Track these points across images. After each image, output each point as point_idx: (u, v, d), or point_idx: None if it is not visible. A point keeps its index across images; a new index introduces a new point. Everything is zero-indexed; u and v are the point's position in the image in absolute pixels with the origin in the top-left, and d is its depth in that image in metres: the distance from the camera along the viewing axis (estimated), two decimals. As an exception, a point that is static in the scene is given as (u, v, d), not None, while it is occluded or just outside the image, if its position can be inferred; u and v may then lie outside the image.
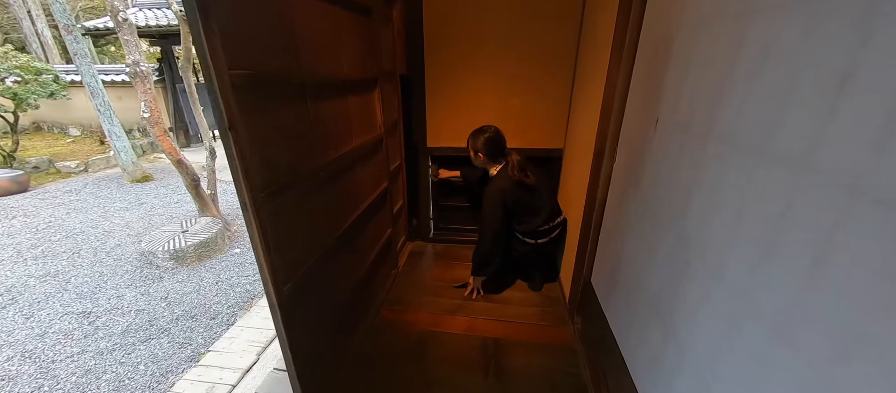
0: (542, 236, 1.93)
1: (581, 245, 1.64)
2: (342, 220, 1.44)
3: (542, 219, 1.89)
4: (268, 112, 0.94)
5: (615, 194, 1.34)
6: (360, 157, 1.62)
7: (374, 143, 1.80)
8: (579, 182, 1.74)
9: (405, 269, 2.36)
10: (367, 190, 1.73)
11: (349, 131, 1.47)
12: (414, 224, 2.68)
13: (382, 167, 1.94)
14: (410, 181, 2.52)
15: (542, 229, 1.91)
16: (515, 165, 1.81)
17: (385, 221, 2.06)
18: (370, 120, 1.72)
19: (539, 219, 1.89)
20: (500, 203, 1.81)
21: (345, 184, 1.46)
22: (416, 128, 2.34)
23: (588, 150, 1.61)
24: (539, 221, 1.89)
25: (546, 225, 1.91)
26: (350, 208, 1.53)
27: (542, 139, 2.25)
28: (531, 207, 1.88)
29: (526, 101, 2.17)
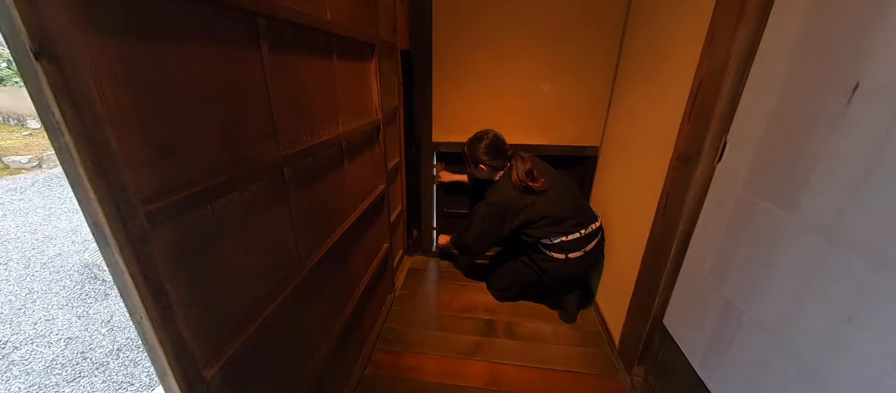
0: (573, 249, 1.53)
1: (645, 273, 1.23)
2: (322, 238, 0.99)
3: (567, 227, 1.51)
4: (169, 41, 0.49)
5: (721, 212, 0.93)
6: (351, 149, 1.18)
7: (370, 132, 1.36)
8: (639, 190, 1.33)
9: (404, 292, 1.91)
10: (358, 194, 1.28)
11: (334, 109, 1.03)
12: (414, 236, 2.24)
13: (379, 164, 1.49)
14: (410, 183, 2.07)
15: (572, 240, 1.52)
16: (520, 170, 1.49)
17: (381, 233, 1.61)
18: (364, 100, 1.28)
19: (562, 227, 1.51)
20: (497, 217, 1.55)
21: (327, 185, 1.01)
22: (419, 117, 1.90)
23: (659, 149, 1.20)
24: (564, 230, 1.51)
25: (576, 233, 1.52)
26: (334, 221, 1.08)
27: (574, 134, 1.83)
28: (548, 215, 1.51)
29: (559, 87, 1.75)
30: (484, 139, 1.58)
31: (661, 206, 1.15)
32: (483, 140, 1.57)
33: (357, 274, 1.31)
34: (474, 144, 1.59)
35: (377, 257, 1.55)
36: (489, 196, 1.57)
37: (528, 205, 1.51)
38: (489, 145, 1.57)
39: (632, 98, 1.48)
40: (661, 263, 1.14)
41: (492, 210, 1.55)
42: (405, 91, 1.84)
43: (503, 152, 1.57)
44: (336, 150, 1.06)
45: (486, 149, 1.57)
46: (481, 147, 1.57)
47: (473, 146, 1.59)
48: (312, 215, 0.93)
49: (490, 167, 1.59)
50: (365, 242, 1.39)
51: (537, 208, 1.50)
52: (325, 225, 1.01)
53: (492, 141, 1.57)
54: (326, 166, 1.00)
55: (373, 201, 1.40)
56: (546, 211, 1.51)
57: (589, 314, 1.73)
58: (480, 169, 1.62)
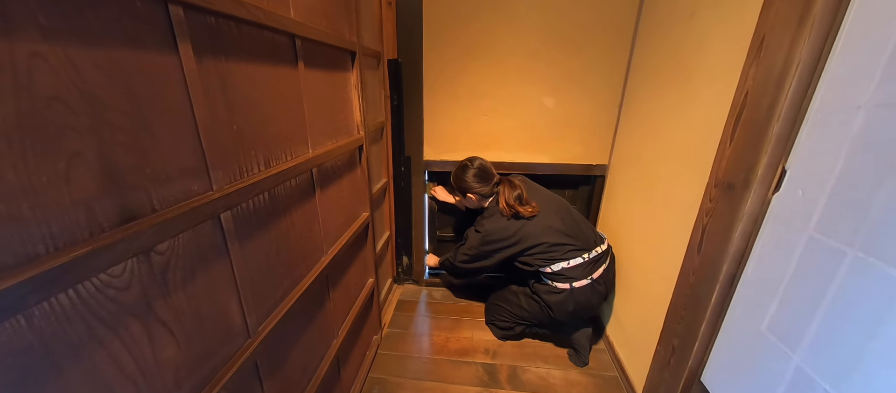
0: (577, 276, 1.35)
1: (676, 318, 1.04)
2: (283, 293, 0.78)
3: (565, 252, 1.36)
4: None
5: (783, 257, 0.75)
6: (325, 176, 0.97)
7: (350, 154, 1.16)
8: (664, 219, 1.16)
9: (393, 331, 1.68)
10: (336, 227, 1.07)
11: (300, 128, 0.83)
12: (404, 264, 2.02)
13: (362, 190, 1.29)
14: (400, 206, 1.87)
15: (575, 266, 1.35)
16: (508, 197, 1.41)
17: (366, 268, 1.40)
18: (343, 116, 1.08)
19: (560, 252, 1.36)
20: (489, 246, 1.45)
21: (292, 224, 0.80)
22: (409, 134, 1.72)
23: (689, 173, 1.03)
24: (563, 255, 1.36)
25: (578, 258, 1.36)
26: (302, 265, 0.87)
27: (580, 153, 1.67)
28: (542, 241, 1.37)
29: (563, 101, 1.59)
30: (470, 168, 1.48)
31: (695, 241, 0.97)
32: (469, 169, 1.48)
33: (334, 322, 1.09)
34: (461, 174, 1.50)
35: (360, 297, 1.33)
36: (480, 224, 1.49)
37: (519, 231, 1.39)
38: (476, 174, 1.47)
39: (648, 114, 1.31)
40: (699, 309, 0.95)
41: (484, 239, 1.45)
42: (393, 105, 1.65)
43: (491, 178, 1.48)
44: (304, 179, 0.86)
45: (474, 177, 1.47)
46: (469, 175, 1.47)
47: (460, 176, 1.50)
48: (270, 266, 0.72)
49: (479, 196, 1.49)
50: (345, 282, 1.18)
51: (530, 234, 1.38)
52: (287, 274, 0.80)
53: (478, 169, 1.47)
54: (290, 200, 0.80)
55: (355, 233, 1.19)
56: (539, 237, 1.38)
57: (602, 355, 1.52)
58: (469, 198, 1.52)
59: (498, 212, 1.42)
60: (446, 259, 1.66)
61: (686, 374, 1.00)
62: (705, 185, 0.94)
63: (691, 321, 0.98)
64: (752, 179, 0.80)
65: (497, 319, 1.61)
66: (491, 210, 1.47)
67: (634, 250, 1.37)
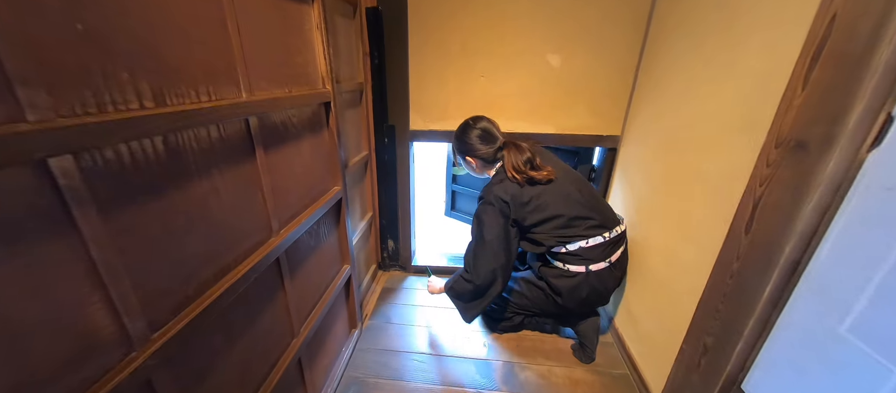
0: (595, 258, 1.17)
1: (710, 312, 0.86)
2: (200, 278, 0.57)
3: (585, 228, 1.16)
4: None
5: (872, 231, 0.55)
6: (273, 133, 0.75)
7: (313, 113, 0.93)
8: (694, 196, 0.96)
9: (375, 323, 1.49)
10: (292, 199, 0.85)
11: (226, 59, 0.60)
12: (390, 248, 1.82)
13: (331, 158, 1.07)
14: (384, 182, 1.65)
15: (594, 246, 1.16)
16: (516, 160, 1.18)
17: (338, 251, 1.19)
18: (301, 61, 0.85)
19: (580, 228, 1.16)
20: (503, 216, 1.16)
21: (211, 191, 0.59)
22: (393, 99, 1.48)
23: (733, 136, 0.83)
24: (583, 232, 1.16)
25: (599, 236, 1.17)
26: (235, 246, 0.66)
27: (589, 121, 1.45)
28: (559, 213, 1.15)
29: (571, 60, 1.36)
30: (472, 127, 1.24)
31: (742, 218, 0.77)
32: (472, 128, 1.24)
33: (294, 318, 0.89)
34: (462, 134, 1.26)
35: (332, 287, 1.13)
36: (486, 194, 1.19)
37: (535, 197, 1.15)
38: (481, 134, 1.23)
39: (675, 70, 1.10)
40: (744, 302, 0.76)
41: (495, 208, 1.15)
42: (374, 64, 1.41)
43: (494, 140, 1.23)
44: (235, 131, 0.63)
45: (477, 137, 1.22)
46: (472, 136, 1.23)
47: (461, 136, 1.26)
48: (170, 248, 0.51)
49: (481, 160, 1.25)
50: (309, 270, 0.97)
51: (545, 203, 1.15)
52: (208, 261, 0.59)
53: (482, 129, 1.23)
54: (209, 158, 0.58)
55: (322, 210, 0.97)
56: (556, 207, 1.15)
57: (610, 350, 1.35)
58: (470, 163, 1.29)
59: (506, 178, 1.17)
60: (454, 278, 1.28)
61: (723, 380, 0.82)
62: (760, 149, 0.74)
63: (732, 316, 0.80)
64: (837, 134, 0.59)
65: (492, 310, 1.43)
66: (498, 176, 1.21)
67: (652, 232, 1.17)
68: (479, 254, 1.18)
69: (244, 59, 0.64)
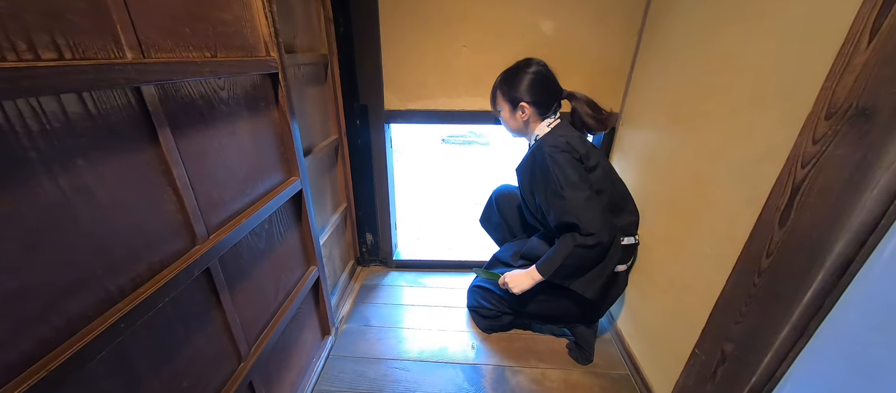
0: (623, 260, 1.07)
1: (731, 314, 0.74)
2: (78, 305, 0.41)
3: (627, 222, 1.07)
4: None
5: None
6: (186, 107, 0.57)
7: (253, 85, 0.75)
8: (710, 178, 0.82)
9: (351, 327, 1.35)
10: (227, 194, 0.69)
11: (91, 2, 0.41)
12: (369, 242, 1.66)
13: (283, 143, 0.89)
14: (358, 169, 1.48)
15: (626, 245, 1.06)
16: (584, 107, 1.06)
17: (301, 252, 1.03)
18: (223, 18, 0.66)
19: (623, 219, 1.06)
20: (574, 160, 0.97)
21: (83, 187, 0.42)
22: (363, 74, 1.30)
23: (765, 109, 0.69)
24: (622, 225, 1.05)
25: (631, 237, 1.07)
26: (135, 259, 0.49)
27: (586, 97, 1.30)
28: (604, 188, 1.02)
29: (567, 24, 1.19)
30: (524, 71, 1.02)
31: (776, 207, 0.64)
32: (528, 69, 1.02)
33: (241, 337, 0.73)
34: (514, 76, 1.04)
35: (294, 293, 0.97)
36: (550, 148, 0.96)
37: (589, 155, 1.01)
38: (536, 78, 1.01)
39: (687, 35, 0.95)
40: (776, 305, 0.64)
41: (567, 155, 0.96)
42: (339, 32, 1.22)
43: (555, 95, 1.04)
44: (112, 105, 0.46)
45: (532, 82, 1.01)
46: (526, 79, 1.02)
47: (514, 78, 1.04)
48: (20, 266, 0.34)
49: (536, 112, 1.04)
50: (260, 277, 0.81)
51: (597, 173, 1.01)
52: (86, 282, 0.42)
53: (536, 75, 1.02)
54: (71, 143, 0.40)
55: (272, 206, 0.80)
56: (603, 183, 1.01)
57: (609, 348, 1.25)
58: (516, 116, 1.06)
59: (565, 132, 1.02)
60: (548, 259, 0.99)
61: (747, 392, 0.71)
62: (803, 121, 0.60)
63: (759, 321, 0.68)
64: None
65: (482, 307, 1.30)
66: (554, 134, 1.01)
67: (658, 222, 1.05)
68: (581, 203, 0.91)
69: (126, 3, 0.46)
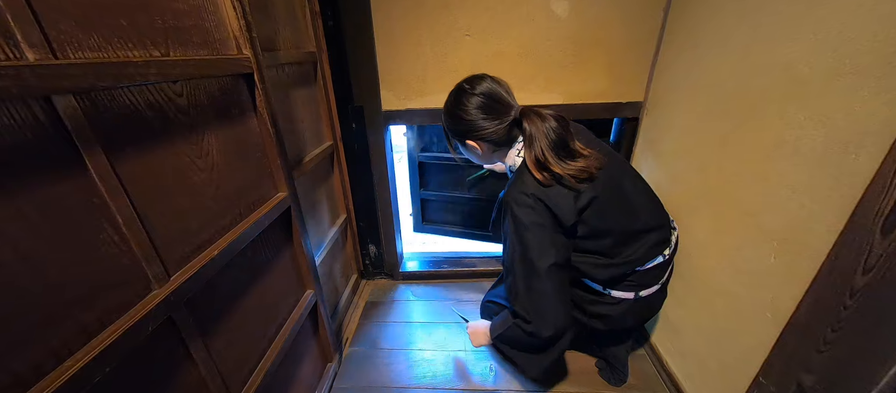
0: (650, 282, 0.86)
1: (811, 336, 0.60)
2: None
3: (643, 247, 0.82)
4: None
5: None
6: (139, 124, 0.45)
7: (222, 90, 0.62)
8: (768, 176, 0.69)
9: (356, 350, 1.23)
10: (195, 223, 0.57)
11: None
12: (372, 254, 1.54)
13: (267, 154, 0.77)
14: (356, 177, 1.36)
15: (654, 267, 0.85)
16: (541, 143, 0.74)
17: (294, 275, 0.91)
18: (179, 7, 0.54)
19: (636, 248, 0.82)
20: (546, 226, 0.75)
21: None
22: (357, 72, 1.17)
23: (860, 87, 0.55)
24: (641, 253, 0.82)
25: (659, 256, 0.84)
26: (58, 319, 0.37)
27: (606, 86, 1.16)
28: (611, 227, 0.79)
29: (580, 5, 1.06)
30: (469, 93, 0.78)
31: (875, 211, 0.51)
32: (468, 94, 0.78)
33: (223, 385, 0.62)
34: (455, 105, 0.80)
35: (289, 323, 0.85)
36: (513, 199, 0.76)
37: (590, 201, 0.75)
38: (483, 102, 0.77)
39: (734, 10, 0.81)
40: (878, 336, 0.51)
41: (533, 215, 0.74)
42: (328, 27, 1.09)
43: (506, 111, 0.78)
44: (22, 121, 0.34)
45: (480, 108, 0.77)
46: (470, 105, 0.77)
47: (455, 107, 0.80)
48: None
49: (490, 143, 0.80)
50: (244, 313, 0.69)
51: (588, 213, 0.76)
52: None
53: (486, 91, 0.77)
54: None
55: (255, 229, 0.69)
56: (604, 220, 0.77)
57: (643, 364, 1.12)
58: (473, 149, 0.83)
59: (528, 172, 0.76)
60: (497, 323, 0.92)
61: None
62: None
63: (853, 352, 0.55)
64: None
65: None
66: (521, 173, 0.78)
67: (699, 225, 0.91)
68: (521, 288, 0.78)
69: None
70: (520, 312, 0.80)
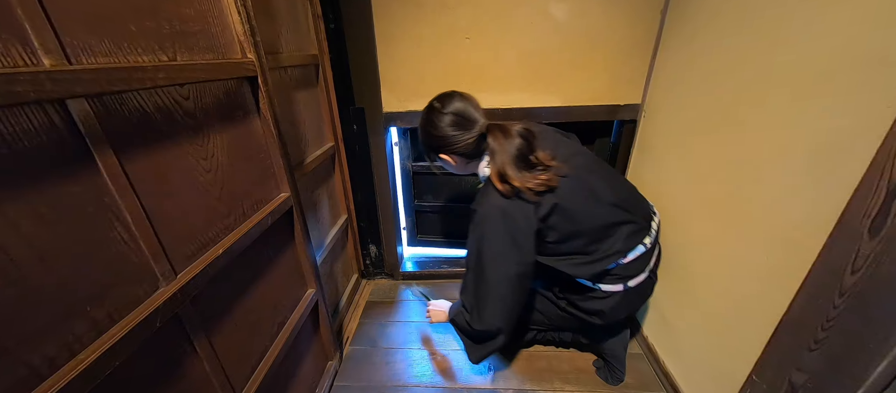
0: (635, 272, 0.90)
1: (803, 334, 0.62)
2: None
3: (621, 240, 0.87)
4: None
5: None
6: (145, 126, 0.47)
7: (226, 92, 0.64)
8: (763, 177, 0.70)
9: (356, 349, 1.25)
10: (200, 221, 0.58)
11: None
12: (373, 254, 1.56)
13: (270, 155, 0.78)
14: (357, 178, 1.38)
15: (636, 258, 0.88)
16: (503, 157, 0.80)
17: (296, 274, 0.93)
18: (185, 13, 0.55)
19: (612, 242, 0.86)
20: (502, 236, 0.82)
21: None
22: (358, 74, 1.19)
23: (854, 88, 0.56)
24: (619, 246, 0.86)
25: (639, 245, 0.88)
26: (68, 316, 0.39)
27: (605, 88, 1.18)
28: (578, 230, 0.84)
29: (578, 8, 1.07)
30: (442, 111, 0.84)
31: (863, 212, 0.52)
32: (441, 112, 0.84)
33: (227, 381, 0.63)
34: (429, 122, 0.86)
35: (291, 321, 0.87)
36: (476, 207, 0.85)
37: (535, 211, 0.81)
38: (455, 119, 0.83)
39: (728, 8, 0.82)
40: (868, 335, 0.52)
41: (491, 230, 0.82)
42: (329, 30, 1.11)
43: (471, 125, 0.83)
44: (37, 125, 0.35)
45: (452, 124, 0.83)
46: (443, 123, 0.83)
47: (428, 124, 0.86)
48: None
49: (462, 156, 0.87)
50: (247, 310, 0.71)
51: (553, 219, 0.82)
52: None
53: (456, 110, 0.83)
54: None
55: (258, 229, 0.70)
56: (572, 222, 0.83)
57: (639, 364, 1.13)
58: (448, 160, 0.89)
59: (492, 184, 0.83)
60: (455, 306, 1.03)
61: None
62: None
63: (843, 350, 0.56)
64: None
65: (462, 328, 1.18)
66: (487, 183, 0.86)
67: (695, 225, 0.92)
68: (482, 289, 0.87)
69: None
70: (465, 303, 0.94)
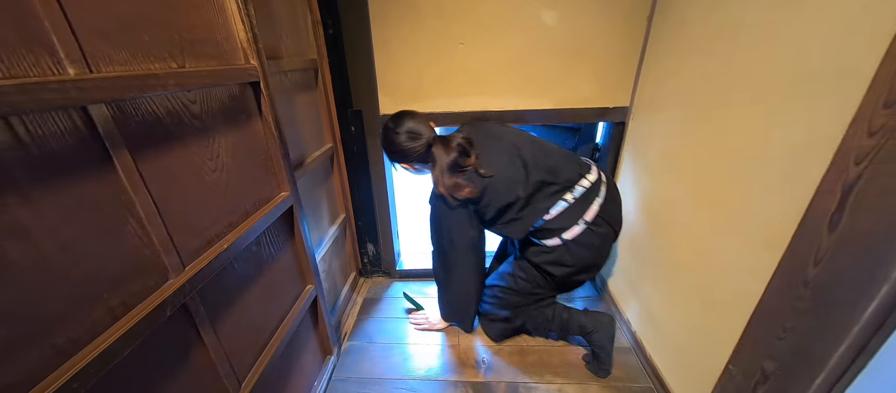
0: (565, 224, 1.01)
1: (773, 325, 0.66)
2: None
3: (544, 199, 1.01)
4: None
5: None
6: (159, 130, 0.51)
7: (231, 97, 0.68)
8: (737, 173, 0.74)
9: (354, 344, 1.28)
10: (207, 217, 0.62)
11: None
12: (370, 252, 1.60)
13: (271, 155, 0.82)
14: (355, 178, 1.42)
15: (559, 214, 1.01)
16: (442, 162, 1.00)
17: (296, 270, 0.96)
18: (188, 19, 0.59)
19: (539, 203, 1.02)
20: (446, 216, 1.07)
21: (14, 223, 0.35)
22: (355, 78, 1.23)
23: (820, 95, 0.61)
24: (544, 205, 1.01)
25: (560, 201, 1.01)
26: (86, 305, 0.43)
27: (594, 91, 1.22)
28: (507, 200, 1.01)
29: (571, 15, 1.11)
30: (396, 131, 1.02)
31: (822, 210, 0.56)
32: (396, 132, 1.02)
33: (229, 372, 0.67)
34: (388, 141, 1.05)
35: (291, 315, 0.91)
36: (430, 199, 1.09)
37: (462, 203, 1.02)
38: (407, 136, 1.02)
39: (705, 18, 0.86)
40: (829, 323, 0.56)
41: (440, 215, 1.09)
42: (328, 35, 1.15)
43: (419, 137, 1.02)
44: (62, 128, 0.39)
45: (408, 136, 1.02)
46: (400, 140, 1.02)
47: (387, 144, 1.06)
48: None
49: (419, 161, 1.06)
50: (249, 303, 0.74)
51: (483, 205, 1.02)
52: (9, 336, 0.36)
53: (409, 129, 1.02)
54: None
55: (260, 226, 0.74)
56: (499, 201, 1.01)
57: (628, 357, 1.17)
58: (409, 169, 1.11)
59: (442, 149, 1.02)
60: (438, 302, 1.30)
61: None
62: (855, 111, 0.52)
63: (809, 339, 0.60)
64: None
65: (488, 312, 1.23)
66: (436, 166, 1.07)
67: (678, 221, 0.97)
68: (436, 246, 1.16)
69: (63, 8, 0.39)
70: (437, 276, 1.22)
